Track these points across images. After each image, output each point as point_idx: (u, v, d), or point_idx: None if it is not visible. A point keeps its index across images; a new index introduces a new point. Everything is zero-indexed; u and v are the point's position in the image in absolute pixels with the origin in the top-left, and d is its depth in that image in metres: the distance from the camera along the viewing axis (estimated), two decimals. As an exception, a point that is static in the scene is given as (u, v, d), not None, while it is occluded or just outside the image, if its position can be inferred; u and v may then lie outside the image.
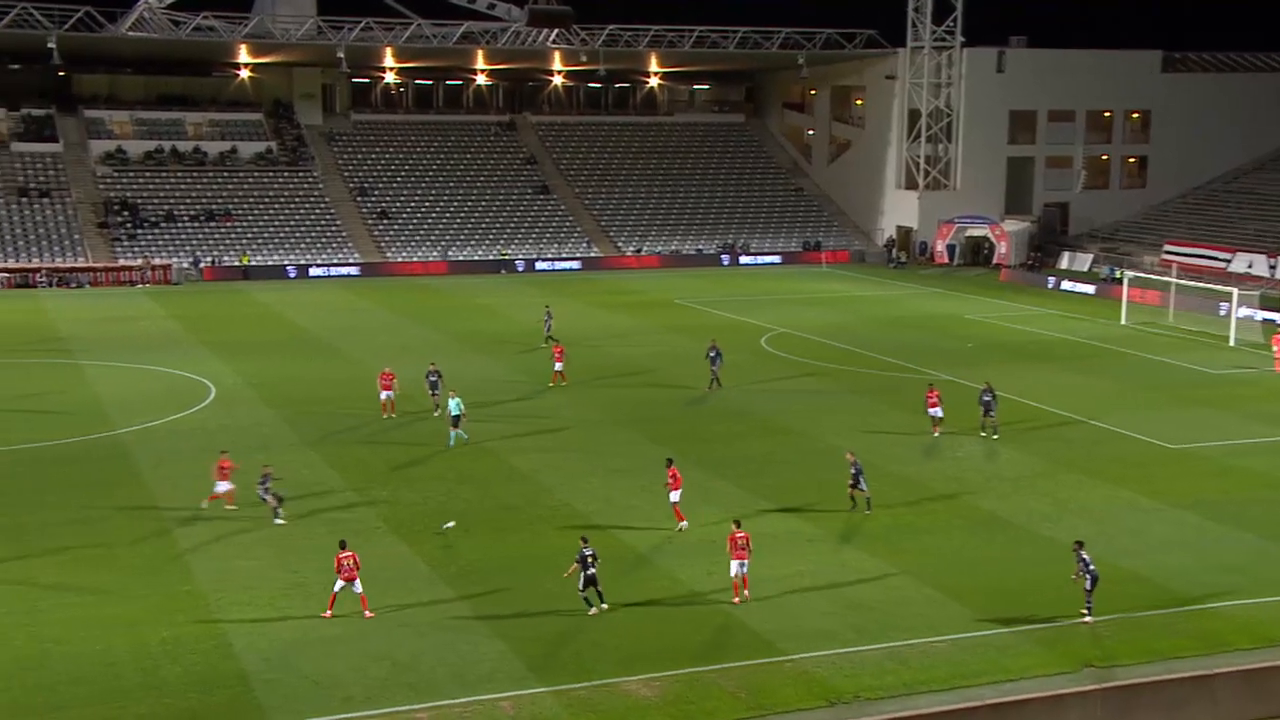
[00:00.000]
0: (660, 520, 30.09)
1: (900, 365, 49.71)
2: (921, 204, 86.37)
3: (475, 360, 49.68)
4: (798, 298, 69.57)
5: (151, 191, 79.85)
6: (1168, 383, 46.77)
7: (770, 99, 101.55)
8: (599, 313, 62.94)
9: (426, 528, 29.49)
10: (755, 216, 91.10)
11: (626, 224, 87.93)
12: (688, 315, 62.68)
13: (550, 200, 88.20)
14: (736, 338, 55.30)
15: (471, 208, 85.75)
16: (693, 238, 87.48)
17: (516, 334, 55.98)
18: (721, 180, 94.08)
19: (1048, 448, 37.16)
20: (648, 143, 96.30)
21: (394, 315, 61.33)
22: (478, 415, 40.01)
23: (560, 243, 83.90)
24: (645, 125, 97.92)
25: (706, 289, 72.65)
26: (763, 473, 34.26)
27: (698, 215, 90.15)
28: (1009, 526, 30.12)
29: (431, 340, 53.90)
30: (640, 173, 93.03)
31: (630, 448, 36.63)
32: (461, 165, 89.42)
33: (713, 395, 43.46)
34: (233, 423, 38.99)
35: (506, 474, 33.85)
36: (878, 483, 33.28)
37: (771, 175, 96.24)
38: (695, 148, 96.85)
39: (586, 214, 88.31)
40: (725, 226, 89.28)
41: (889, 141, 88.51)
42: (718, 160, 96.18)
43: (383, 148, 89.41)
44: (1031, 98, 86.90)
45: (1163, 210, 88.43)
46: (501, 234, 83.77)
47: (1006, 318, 62.76)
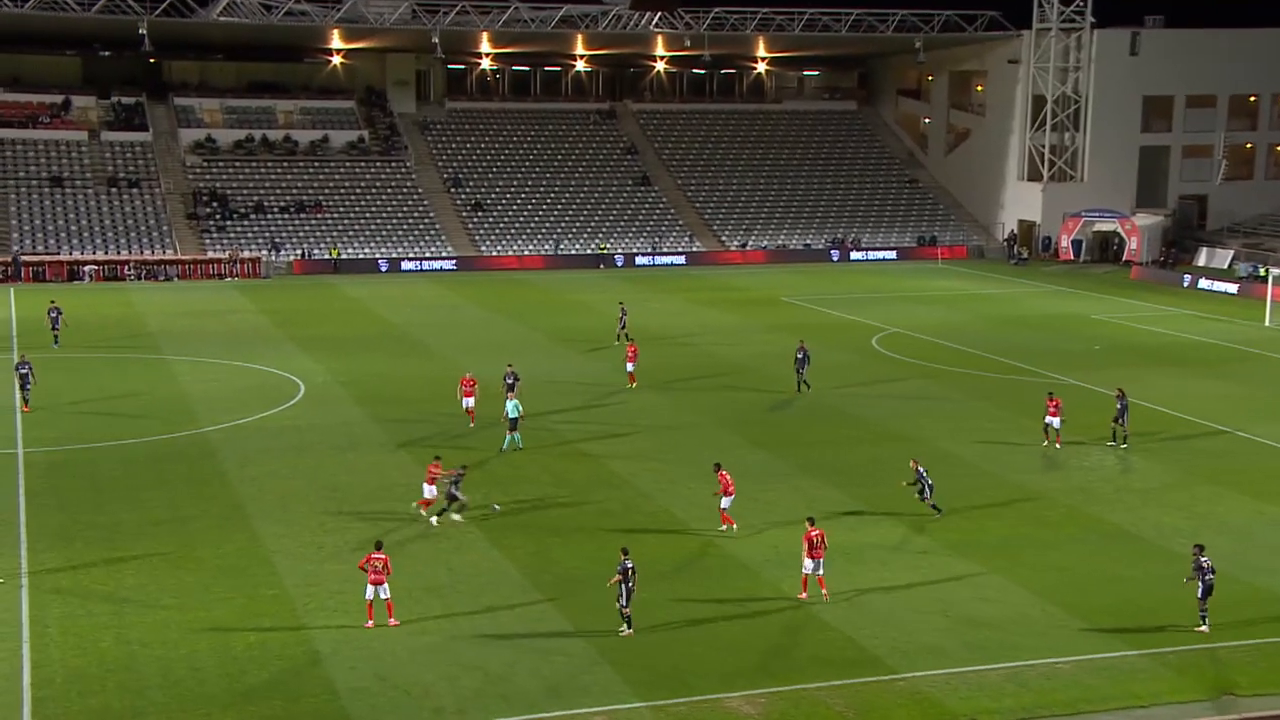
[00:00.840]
0: (766, 529, 29.95)
1: (1020, 368, 48.81)
2: (1045, 197, 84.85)
3: (570, 359, 49.98)
4: (911, 296, 68.73)
5: (241, 182, 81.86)
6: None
7: (884, 85, 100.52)
8: (700, 310, 62.92)
9: (522, 531, 29.73)
10: (867, 210, 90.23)
11: (731, 217, 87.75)
12: (794, 314, 62.31)
13: (651, 192, 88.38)
14: (846, 337, 54.82)
15: (569, 200, 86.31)
16: (800, 232, 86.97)
17: (614, 332, 56.18)
18: (831, 171, 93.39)
19: (1182, 458, 36.21)
20: (754, 132, 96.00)
21: (487, 311, 62.00)
22: (573, 416, 40.26)
23: (661, 236, 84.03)
24: (751, 113, 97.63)
25: (814, 286, 72.16)
26: (871, 480, 33.92)
27: (806, 208, 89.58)
28: (1138, 541, 29.41)
29: (525, 338, 54.38)
30: (746, 163, 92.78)
31: (731, 452, 36.51)
32: (559, 155, 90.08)
33: (813, 397, 43.15)
34: (322, 421, 39.70)
35: (603, 479, 33.99)
36: (995, 492, 32.74)
37: (885, 166, 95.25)
38: (804, 137, 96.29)
39: (689, 207, 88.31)
40: (835, 220, 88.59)
41: (1011, 130, 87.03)
42: (828, 150, 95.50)
43: (478, 137, 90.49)
44: (1168, 82, 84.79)
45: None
46: (600, 227, 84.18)
47: (1137, 318, 61.25)
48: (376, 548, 24.94)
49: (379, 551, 24.78)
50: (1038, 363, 49.39)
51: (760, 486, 33.20)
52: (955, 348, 52.89)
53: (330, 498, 32.16)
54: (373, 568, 24.49)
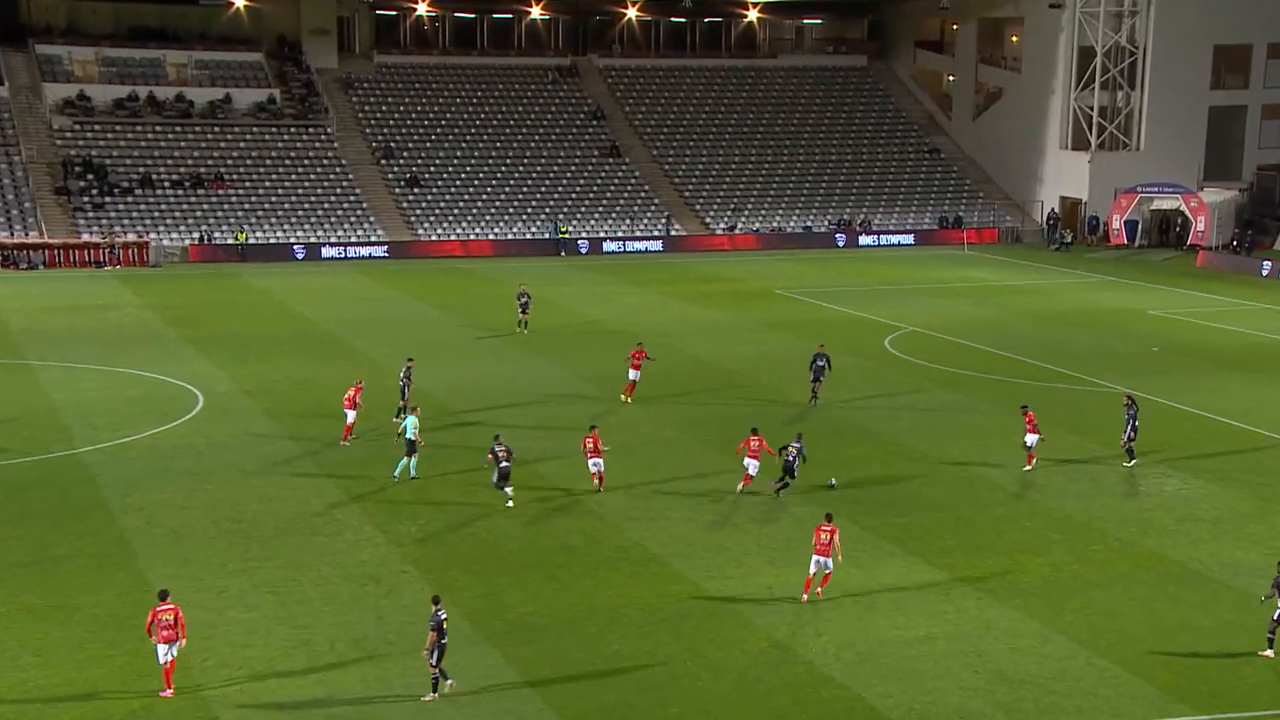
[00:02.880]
0: (757, 566, 29.99)
1: (1063, 373, 49.07)
2: (1094, 169, 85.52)
3: (525, 362, 49.91)
4: (932, 288, 69.02)
5: (123, 150, 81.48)
6: None
7: (900, 36, 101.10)
8: (681, 305, 62.99)
9: (467, 570, 29.68)
10: (879, 185, 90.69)
11: (716, 195, 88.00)
12: (793, 309, 62.43)
13: (621, 165, 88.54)
14: (854, 337, 54.97)
15: (523, 175, 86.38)
16: (800, 212, 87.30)
17: (581, 331, 56.19)
18: (837, 139, 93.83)
19: (1260, 482, 36.47)
20: (744, 92, 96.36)
21: (425, 306, 61.93)
22: (529, 431, 40.19)
23: (634, 218, 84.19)
24: (741, 70, 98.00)
25: (817, 276, 72.34)
26: (887, 507, 34.04)
27: (806, 184, 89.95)
28: (1207, 583, 29.60)
29: (471, 338, 54.28)
30: (734, 130, 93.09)
31: (719, 475, 36.55)
32: (511, 121, 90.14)
33: (817, 410, 43.26)
34: (225, 439, 39.54)
35: (566, 505, 34.02)
36: (1033, 522, 32.91)
37: (900, 133, 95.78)
38: (804, 98, 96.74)
39: (666, 182, 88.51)
40: (841, 199, 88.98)
41: (1053, 89, 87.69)
42: (832, 114, 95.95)
43: (413, 98, 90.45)
44: (1245, 27, 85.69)
45: None
46: (561, 207, 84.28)
47: (1204, 314, 61.72)
48: (161, 598, 24.49)
49: (165, 603, 24.21)
50: (1083, 367, 49.66)
51: (754, 517, 33.24)
52: (984, 349, 53.10)
53: (235, 531, 32.01)
54: (163, 624, 23.91)
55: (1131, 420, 37.49)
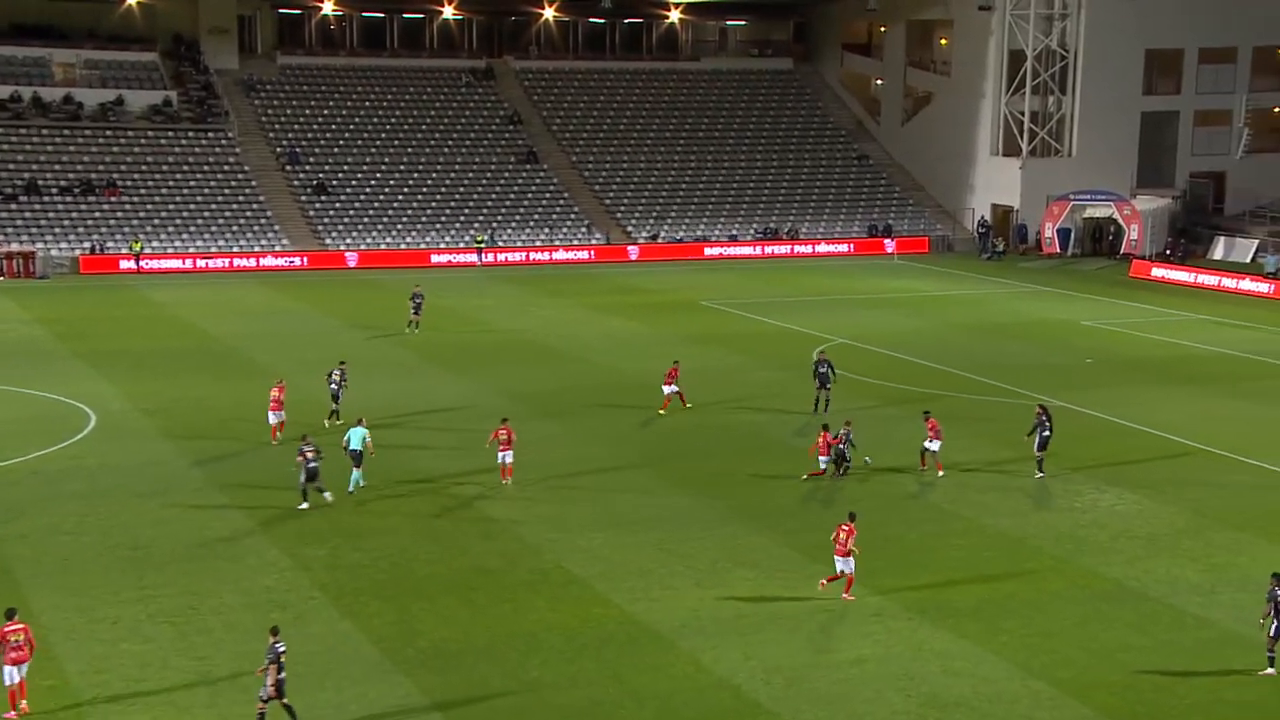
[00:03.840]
0: (683, 588, 30.03)
1: (995, 386, 49.59)
2: (1025, 176, 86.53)
3: (439, 378, 49.68)
4: (861, 299, 69.56)
5: (6, 155, 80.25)
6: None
7: (827, 39, 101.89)
8: (600, 318, 63.00)
9: (377, 595, 29.47)
10: (806, 193, 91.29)
11: (638, 203, 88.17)
12: (717, 321, 62.65)
13: (539, 172, 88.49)
14: (781, 351, 55.28)
15: (436, 182, 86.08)
16: (725, 220, 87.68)
17: (497, 344, 56.04)
18: (761, 146, 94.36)
19: (1196, 496, 37.05)
20: (665, 97, 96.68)
21: (333, 320, 61.51)
22: (442, 450, 39.99)
23: (552, 226, 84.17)
24: (663, 73, 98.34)
25: (742, 287, 72.66)
26: (816, 526, 34.16)
27: (731, 191, 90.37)
28: (1144, 601, 29.99)
29: (382, 352, 53.96)
30: (656, 136, 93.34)
31: (643, 494, 36.61)
32: (423, 126, 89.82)
33: (744, 426, 43.46)
34: (119, 460, 39.04)
35: (481, 527, 33.88)
36: (966, 540, 33.19)
37: (828, 138, 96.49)
38: (728, 103, 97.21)
39: (585, 189, 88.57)
40: (767, 207, 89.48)
41: (983, 94, 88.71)
42: (757, 119, 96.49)
43: (319, 102, 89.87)
44: (1176, 32, 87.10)
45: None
46: (476, 216, 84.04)
47: (1138, 325, 62.67)
48: (8, 617, 24.28)
49: (13, 622, 24.10)
50: (1016, 379, 50.20)
51: (678, 536, 33.31)
52: (914, 362, 53.57)
53: (129, 558, 31.58)
54: (9, 643, 23.79)
55: (1040, 430, 38.19)
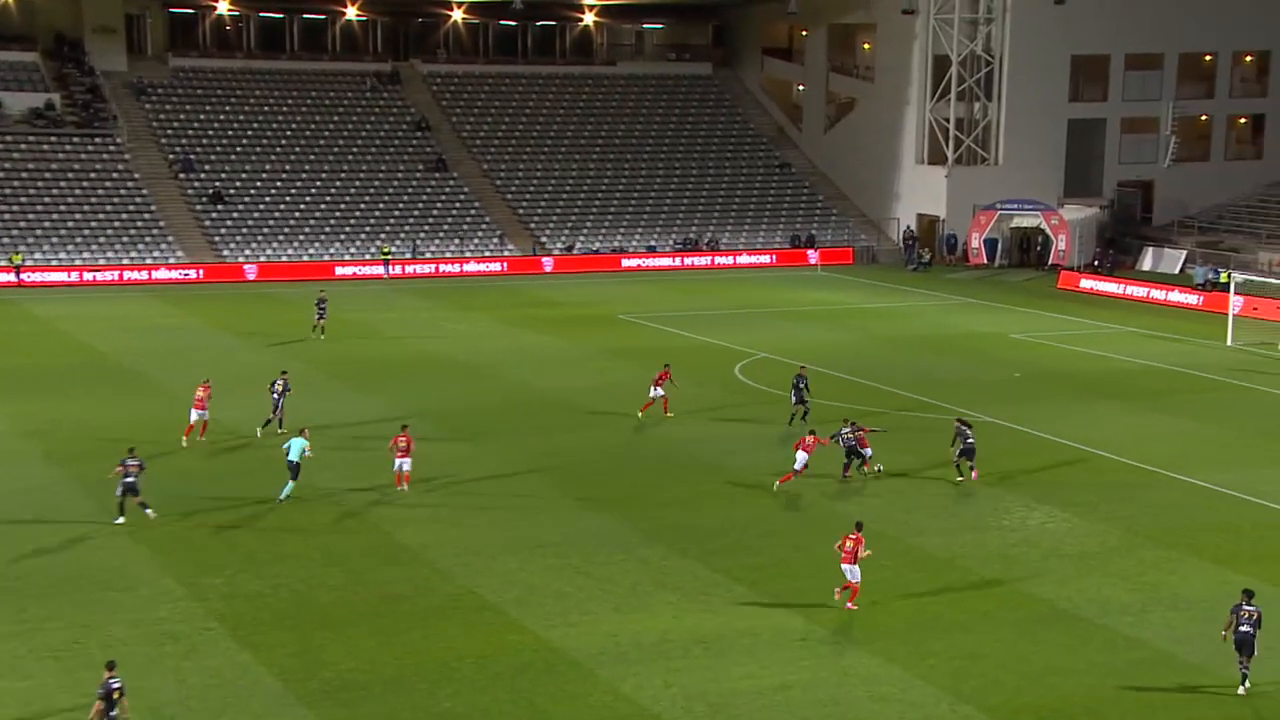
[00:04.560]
0: (601, 613, 29.98)
1: (921, 401, 50.00)
2: (951, 184, 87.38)
3: (343, 397, 49.34)
4: (784, 311, 69.92)
5: (-115, 164, 78.96)
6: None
7: (746, 43, 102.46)
8: (514, 332, 62.88)
9: (280, 625, 29.15)
10: (726, 202, 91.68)
11: (553, 212, 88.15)
12: (636, 335, 62.72)
13: (449, 180, 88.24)
14: (702, 365, 55.43)
15: (341, 191, 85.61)
16: (642, 231, 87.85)
17: (405, 359, 55.74)
18: (681, 153, 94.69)
19: (1127, 513, 37.52)
20: (580, 102, 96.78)
21: (231, 335, 60.96)
22: (347, 470, 39.70)
23: (463, 237, 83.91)
24: (577, 78, 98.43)
25: (660, 300, 72.79)
26: (739, 546, 34.30)
27: (649, 201, 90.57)
28: (1075, 622, 30.30)
29: (280, 369, 53.42)
30: (571, 143, 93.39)
31: (560, 515, 36.53)
32: (326, 131, 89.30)
33: (661, 444, 43.54)
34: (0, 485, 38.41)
35: (389, 552, 33.66)
36: (893, 558, 33.40)
37: (749, 146, 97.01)
38: (645, 108, 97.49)
39: (498, 199, 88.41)
40: (686, 216, 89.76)
41: (908, 100, 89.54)
42: (675, 125, 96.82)
43: (215, 106, 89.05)
44: (1103, 38, 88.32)
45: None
46: (382, 226, 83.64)
47: (1066, 337, 63.46)
48: None
49: None
50: (943, 394, 50.62)
51: (596, 559, 33.26)
52: (839, 376, 53.88)
53: (7, 589, 31.03)
54: None
55: (963, 440, 39.41)
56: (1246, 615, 26.69)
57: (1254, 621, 26.64)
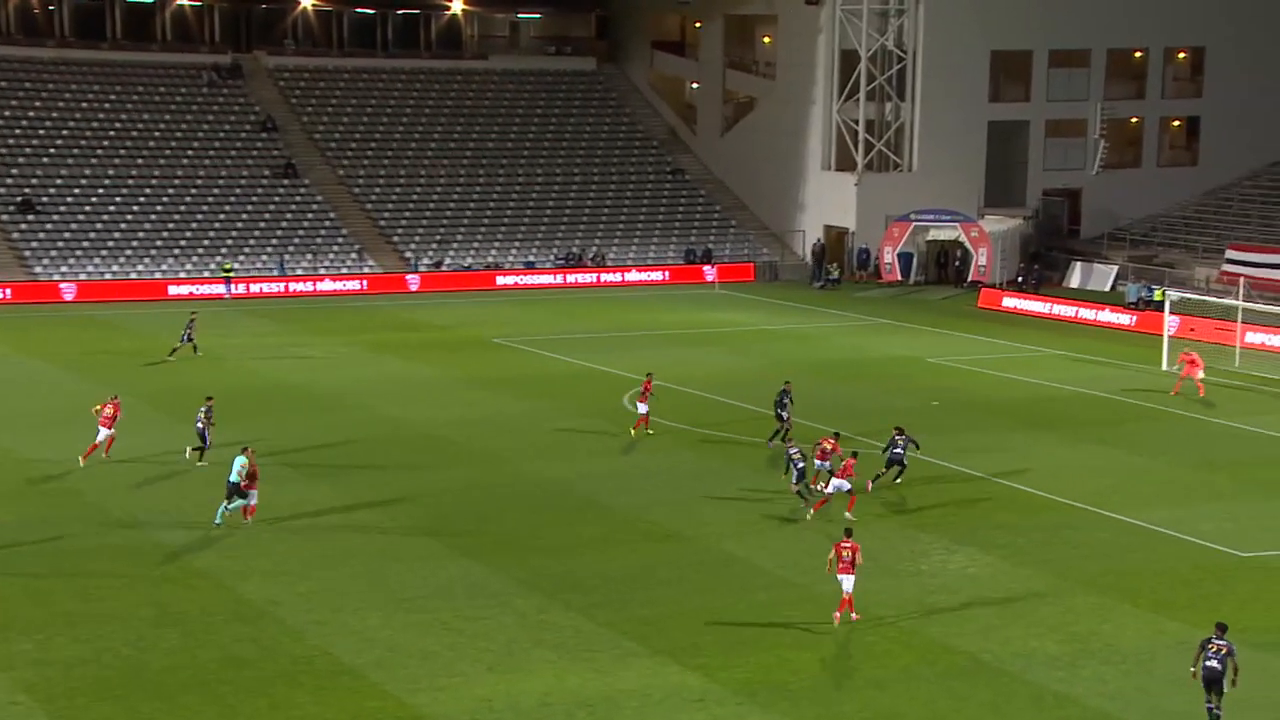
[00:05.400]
0: (473, 674, 29.79)
1: (829, 433, 50.31)
2: (861, 193, 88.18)
3: (174, 431, 48.73)
4: (677, 334, 70.12)
5: None
6: (1235, 459, 48.25)
7: (634, 35, 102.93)
8: (375, 359, 62.47)
9: (102, 694, 28.61)
10: (614, 212, 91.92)
11: (419, 224, 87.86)
12: (512, 361, 62.63)
13: (299, 188, 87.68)
14: (586, 395, 55.50)
15: (173, 198, 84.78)
16: (520, 245, 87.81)
17: (250, 390, 55.14)
18: (562, 158, 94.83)
19: (1055, 556, 37.94)
20: (449, 100, 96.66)
21: (45, 365, 60.08)
22: (182, 516, 39.25)
23: (315, 251, 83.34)
24: (444, 74, 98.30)
25: (540, 322, 72.72)
26: (629, 597, 34.25)
27: (527, 211, 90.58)
28: (998, 676, 30.54)
29: (104, 400, 52.65)
30: (439, 146, 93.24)
31: (427, 563, 36.29)
32: (156, 131, 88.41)
33: (544, 482, 43.49)
34: None
35: (230, 608, 33.26)
36: (800, 608, 33.51)
37: (638, 149, 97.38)
38: (522, 108, 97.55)
39: (355, 208, 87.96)
40: (569, 228, 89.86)
41: (812, 100, 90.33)
42: (555, 127, 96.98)
43: (23, 102, 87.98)
44: (1024, 32, 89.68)
45: (1223, 198, 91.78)
46: (223, 239, 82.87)
47: (988, 361, 64.20)
48: None
49: None
50: (853, 424, 50.81)
51: (468, 613, 33.05)
52: (740, 406, 54.09)
53: None
54: None
55: (891, 448, 42.16)
56: (1215, 650, 27.14)
57: (1222, 657, 27.10)
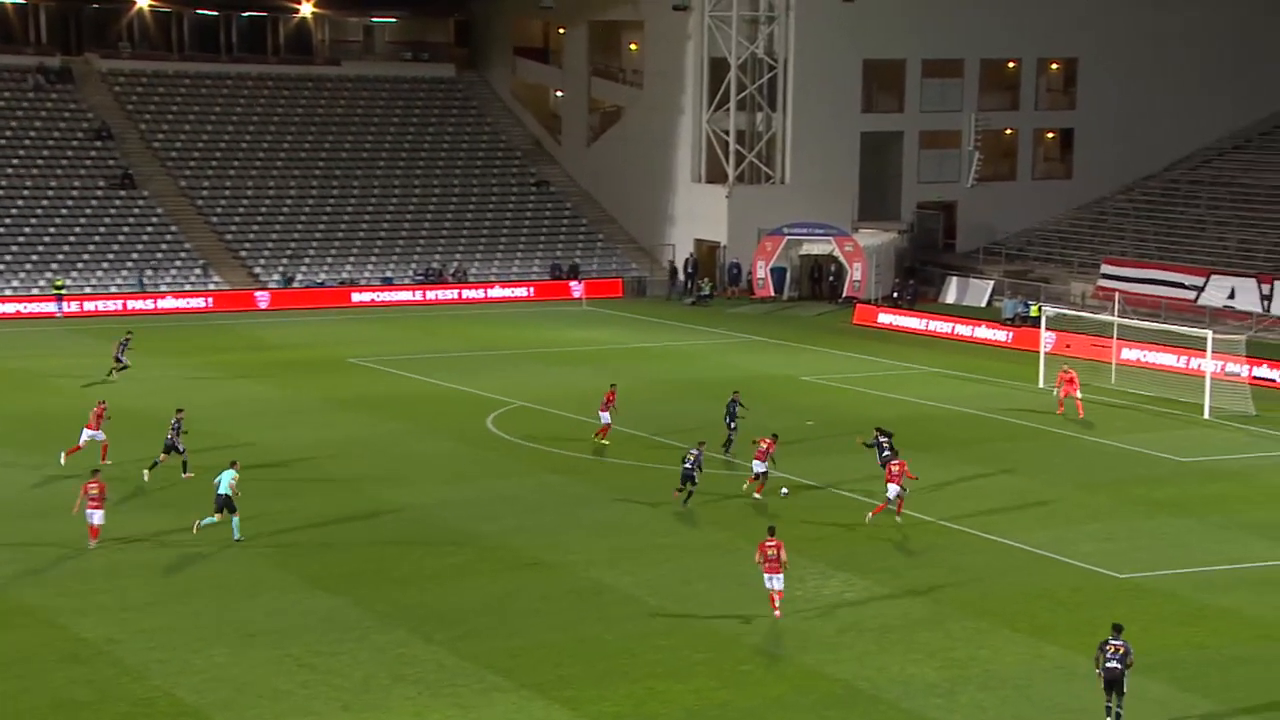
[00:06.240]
0: (327, 713, 29.52)
1: (706, 456, 50.56)
2: (733, 206, 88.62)
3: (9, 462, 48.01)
4: (543, 353, 70.12)
5: None
6: (1112, 479, 49.03)
7: (495, 41, 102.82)
8: (223, 382, 61.87)
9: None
10: (476, 226, 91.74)
11: (267, 238, 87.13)
12: (369, 382, 62.30)
13: (137, 199, 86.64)
14: (448, 416, 55.36)
15: (1, 210, 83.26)
16: (377, 260, 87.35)
17: (84, 416, 54.31)
18: (420, 169, 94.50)
19: (933, 580, 38.29)
20: (299, 108, 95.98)
21: None
22: (11, 551, 38.56)
23: (157, 266, 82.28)
24: (294, 80, 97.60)
25: (400, 341, 72.37)
26: (494, 628, 34.16)
27: (383, 225, 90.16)
28: (875, 704, 30.75)
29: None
30: (289, 156, 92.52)
31: (278, 596, 35.97)
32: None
33: (402, 510, 43.27)
34: None
35: (64, 647, 32.71)
36: (671, 638, 33.52)
37: (500, 161, 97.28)
38: (378, 117, 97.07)
39: (199, 222, 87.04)
40: (429, 242, 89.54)
41: (681, 109, 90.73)
42: (413, 137, 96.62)
43: None
44: (897, 41, 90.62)
45: (1098, 212, 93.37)
46: (53, 254, 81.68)
47: (864, 379, 64.77)
48: None
49: None
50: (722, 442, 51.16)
51: (322, 648, 32.77)
52: (610, 428, 54.31)
53: None
54: None
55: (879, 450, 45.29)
56: (1114, 651, 28.27)
57: (1121, 658, 28.21)
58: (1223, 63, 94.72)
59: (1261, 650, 33.97)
